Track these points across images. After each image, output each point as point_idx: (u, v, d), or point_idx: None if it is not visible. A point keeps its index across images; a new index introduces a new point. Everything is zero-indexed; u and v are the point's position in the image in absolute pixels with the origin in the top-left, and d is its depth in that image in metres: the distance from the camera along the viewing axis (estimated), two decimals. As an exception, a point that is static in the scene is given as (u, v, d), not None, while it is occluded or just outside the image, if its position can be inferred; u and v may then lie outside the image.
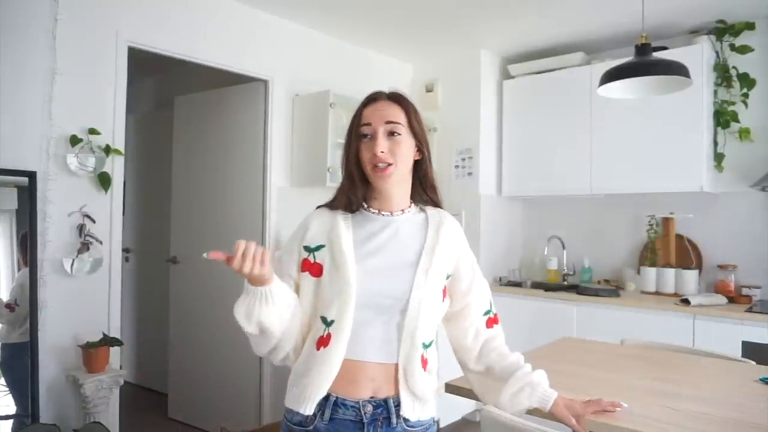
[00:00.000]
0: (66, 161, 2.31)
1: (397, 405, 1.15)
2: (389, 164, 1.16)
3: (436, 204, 1.30)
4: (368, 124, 1.17)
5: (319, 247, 1.18)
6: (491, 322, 1.31)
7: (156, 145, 4.10)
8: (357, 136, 1.19)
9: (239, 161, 3.31)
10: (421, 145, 1.22)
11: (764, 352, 2.49)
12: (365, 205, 1.23)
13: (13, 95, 2.18)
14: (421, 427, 1.19)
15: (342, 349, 1.11)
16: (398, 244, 1.20)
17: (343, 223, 1.20)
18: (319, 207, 1.27)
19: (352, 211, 1.22)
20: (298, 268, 1.19)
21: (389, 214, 1.23)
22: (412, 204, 1.27)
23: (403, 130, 1.18)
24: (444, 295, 1.23)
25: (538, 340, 2.41)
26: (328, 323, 1.13)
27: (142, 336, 4.24)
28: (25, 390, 2.17)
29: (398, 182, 1.20)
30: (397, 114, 1.18)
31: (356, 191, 1.21)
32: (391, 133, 1.17)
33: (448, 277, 1.24)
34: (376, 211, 1.22)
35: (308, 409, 1.12)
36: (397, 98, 1.21)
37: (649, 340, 2.25)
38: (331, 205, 1.24)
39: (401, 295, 1.14)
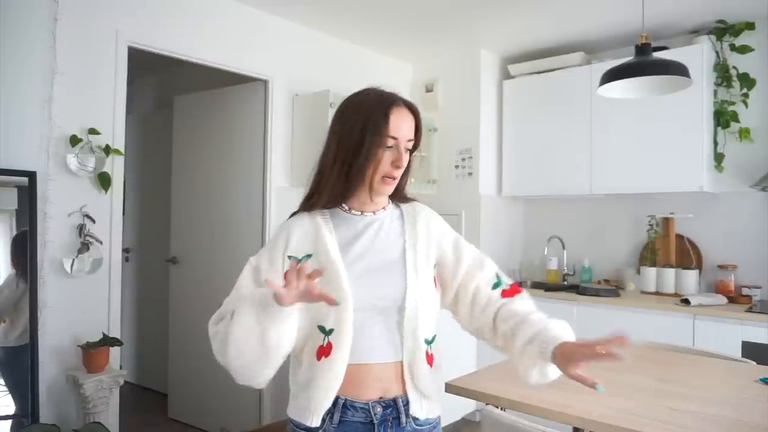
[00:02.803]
0: (66, 161, 2.31)
1: (406, 404, 1.14)
2: (397, 177, 1.18)
3: (408, 199, 1.30)
4: (395, 138, 1.15)
5: (307, 257, 1.15)
6: (510, 293, 1.21)
7: (156, 145, 4.10)
8: (379, 140, 1.14)
9: (239, 161, 3.31)
10: (417, 150, 1.23)
11: (764, 352, 2.49)
12: (346, 207, 1.21)
13: (13, 95, 2.18)
14: (429, 426, 1.19)
15: (345, 356, 1.09)
16: (382, 243, 1.19)
17: (325, 227, 1.18)
18: (294, 213, 1.24)
19: (329, 209, 1.21)
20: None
21: (371, 213, 1.22)
22: (390, 201, 1.27)
23: (412, 145, 1.20)
24: (435, 285, 1.22)
25: (538, 340, 2.40)
26: (326, 332, 1.10)
27: (142, 336, 4.24)
28: (24, 391, 2.17)
29: None
30: (412, 129, 1.18)
31: (346, 189, 1.18)
32: (406, 148, 1.18)
33: (435, 266, 1.23)
34: (359, 213, 1.21)
35: (314, 421, 1.10)
36: (415, 112, 1.20)
37: (649, 340, 2.25)
38: (309, 206, 1.21)
39: (397, 295, 1.14)
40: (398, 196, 1.27)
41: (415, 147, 1.21)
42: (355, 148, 1.14)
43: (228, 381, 0.98)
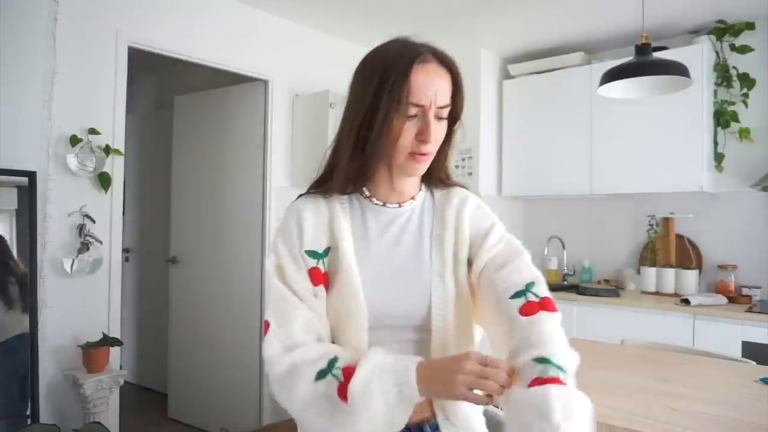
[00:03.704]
0: (66, 161, 2.31)
1: (435, 429, 0.92)
2: (429, 152, 0.91)
3: (448, 184, 1.04)
4: (420, 106, 0.87)
5: (327, 251, 0.92)
6: (530, 309, 0.85)
7: (156, 145, 4.10)
8: (399, 107, 0.87)
9: (239, 161, 3.31)
10: (457, 121, 0.96)
11: (764, 352, 2.49)
12: (367, 193, 0.97)
13: (13, 95, 2.18)
14: None
15: None
16: (407, 243, 0.96)
17: (342, 216, 0.94)
18: (303, 195, 0.99)
19: (349, 194, 0.97)
20: (307, 279, 0.91)
21: (396, 205, 0.97)
22: (423, 187, 1.02)
23: (448, 112, 0.92)
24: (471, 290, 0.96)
25: (538, 340, 2.40)
26: None
27: (142, 336, 4.23)
28: (9, 389, 2.15)
29: None
30: (448, 91, 0.91)
31: (363, 171, 0.94)
32: (439, 117, 0.90)
33: (470, 264, 0.96)
34: (381, 203, 0.97)
35: None
36: (450, 65, 0.93)
37: (649, 340, 2.25)
38: (323, 188, 0.96)
39: (421, 311, 0.92)
40: (435, 180, 1.02)
41: (456, 115, 0.95)
42: (370, 117, 0.89)
43: (228, 381, 0.88)
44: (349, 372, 0.79)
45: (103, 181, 2.43)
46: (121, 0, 2.54)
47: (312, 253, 0.91)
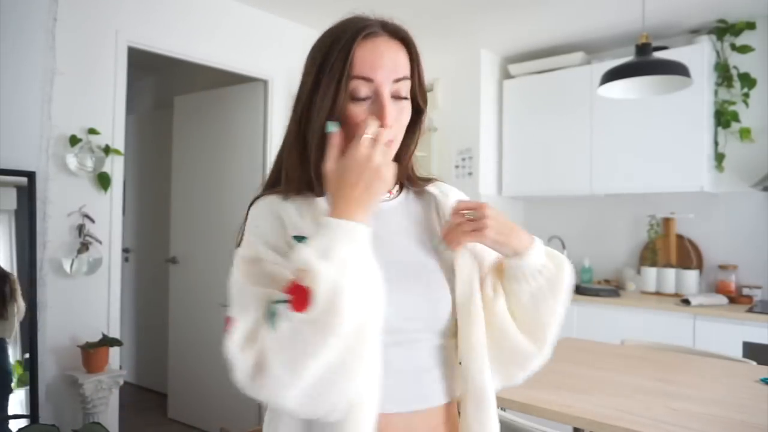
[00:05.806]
0: (65, 161, 2.31)
1: None
2: (391, 140, 0.77)
3: (425, 180, 0.93)
4: (369, 80, 0.75)
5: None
6: None
7: (156, 145, 4.10)
8: (342, 85, 0.74)
9: (239, 161, 3.31)
10: (423, 105, 0.85)
11: (765, 352, 2.49)
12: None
13: (12, 95, 2.18)
14: None
15: (372, 405, 0.70)
16: (403, 242, 0.84)
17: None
18: (259, 197, 0.82)
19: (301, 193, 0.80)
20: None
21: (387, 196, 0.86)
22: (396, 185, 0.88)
23: (409, 90, 0.80)
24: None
25: (538, 340, 2.40)
26: None
27: (142, 336, 4.23)
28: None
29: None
30: (405, 65, 0.79)
31: (307, 170, 0.79)
32: (397, 96, 0.77)
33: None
34: None
35: None
36: (403, 37, 0.80)
37: (649, 340, 2.25)
38: (281, 190, 0.80)
39: (439, 312, 0.81)
40: (403, 176, 0.88)
41: (416, 100, 0.83)
42: (309, 102, 0.77)
43: (228, 381, 0.71)
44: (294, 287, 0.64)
45: (103, 181, 2.43)
46: (121, 0, 2.55)
47: (298, 238, 0.72)
